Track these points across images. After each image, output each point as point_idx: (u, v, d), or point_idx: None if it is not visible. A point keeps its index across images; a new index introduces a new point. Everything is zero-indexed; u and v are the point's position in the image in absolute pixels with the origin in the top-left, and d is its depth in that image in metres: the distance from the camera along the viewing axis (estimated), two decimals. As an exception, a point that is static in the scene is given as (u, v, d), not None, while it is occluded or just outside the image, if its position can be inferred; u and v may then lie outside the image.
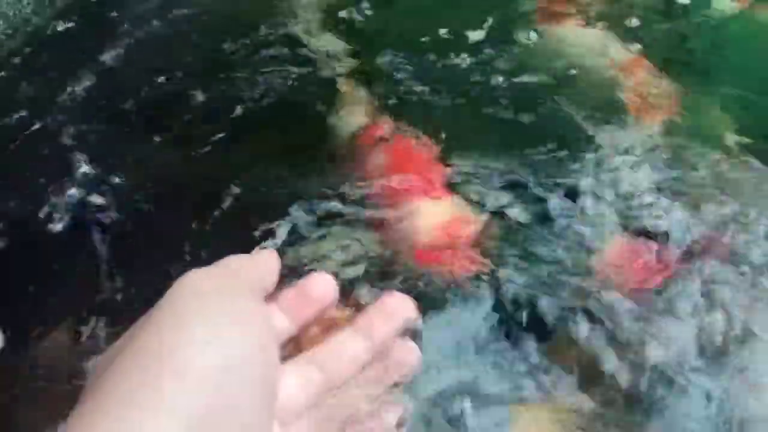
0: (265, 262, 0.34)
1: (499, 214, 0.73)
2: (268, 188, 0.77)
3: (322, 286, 0.35)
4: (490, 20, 0.96)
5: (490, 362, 0.62)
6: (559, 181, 0.76)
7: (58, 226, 0.75)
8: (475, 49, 0.92)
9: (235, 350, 0.28)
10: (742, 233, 0.70)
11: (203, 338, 0.28)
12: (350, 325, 0.36)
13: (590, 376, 0.61)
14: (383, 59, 0.92)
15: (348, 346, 0.35)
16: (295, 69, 0.91)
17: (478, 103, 0.86)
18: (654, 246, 0.70)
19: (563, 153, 0.78)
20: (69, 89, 0.89)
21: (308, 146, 0.83)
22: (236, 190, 0.77)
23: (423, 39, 0.94)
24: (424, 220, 0.73)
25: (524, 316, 0.65)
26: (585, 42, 0.93)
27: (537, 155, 0.78)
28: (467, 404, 0.59)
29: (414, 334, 0.38)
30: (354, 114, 0.85)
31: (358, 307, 0.40)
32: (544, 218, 0.73)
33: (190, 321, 0.28)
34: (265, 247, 0.35)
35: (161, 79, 0.90)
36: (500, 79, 0.88)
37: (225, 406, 0.27)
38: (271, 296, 0.35)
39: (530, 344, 0.63)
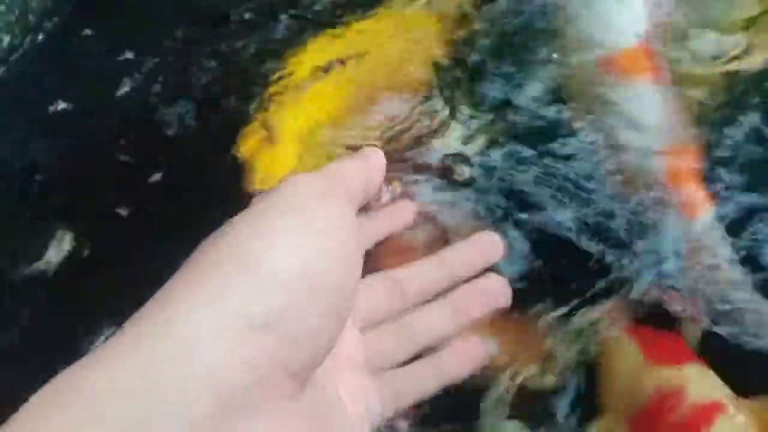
0: (370, 167, 0.34)
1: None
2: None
3: (408, 208, 0.40)
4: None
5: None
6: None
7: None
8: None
9: (316, 260, 0.28)
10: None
11: (285, 244, 0.28)
12: (434, 255, 0.38)
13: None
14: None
15: (428, 270, 0.37)
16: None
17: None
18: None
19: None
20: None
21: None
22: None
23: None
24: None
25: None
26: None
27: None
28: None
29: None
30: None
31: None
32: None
33: (276, 226, 0.28)
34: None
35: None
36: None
37: (295, 311, 0.27)
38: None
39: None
